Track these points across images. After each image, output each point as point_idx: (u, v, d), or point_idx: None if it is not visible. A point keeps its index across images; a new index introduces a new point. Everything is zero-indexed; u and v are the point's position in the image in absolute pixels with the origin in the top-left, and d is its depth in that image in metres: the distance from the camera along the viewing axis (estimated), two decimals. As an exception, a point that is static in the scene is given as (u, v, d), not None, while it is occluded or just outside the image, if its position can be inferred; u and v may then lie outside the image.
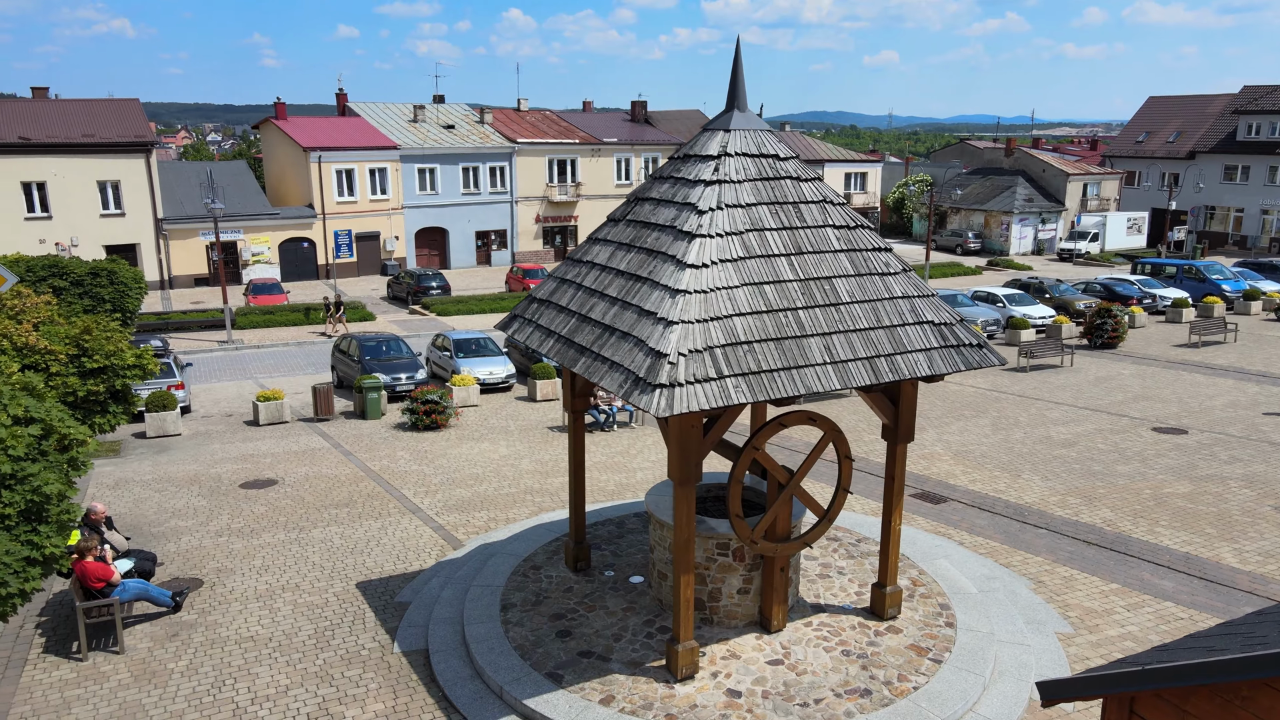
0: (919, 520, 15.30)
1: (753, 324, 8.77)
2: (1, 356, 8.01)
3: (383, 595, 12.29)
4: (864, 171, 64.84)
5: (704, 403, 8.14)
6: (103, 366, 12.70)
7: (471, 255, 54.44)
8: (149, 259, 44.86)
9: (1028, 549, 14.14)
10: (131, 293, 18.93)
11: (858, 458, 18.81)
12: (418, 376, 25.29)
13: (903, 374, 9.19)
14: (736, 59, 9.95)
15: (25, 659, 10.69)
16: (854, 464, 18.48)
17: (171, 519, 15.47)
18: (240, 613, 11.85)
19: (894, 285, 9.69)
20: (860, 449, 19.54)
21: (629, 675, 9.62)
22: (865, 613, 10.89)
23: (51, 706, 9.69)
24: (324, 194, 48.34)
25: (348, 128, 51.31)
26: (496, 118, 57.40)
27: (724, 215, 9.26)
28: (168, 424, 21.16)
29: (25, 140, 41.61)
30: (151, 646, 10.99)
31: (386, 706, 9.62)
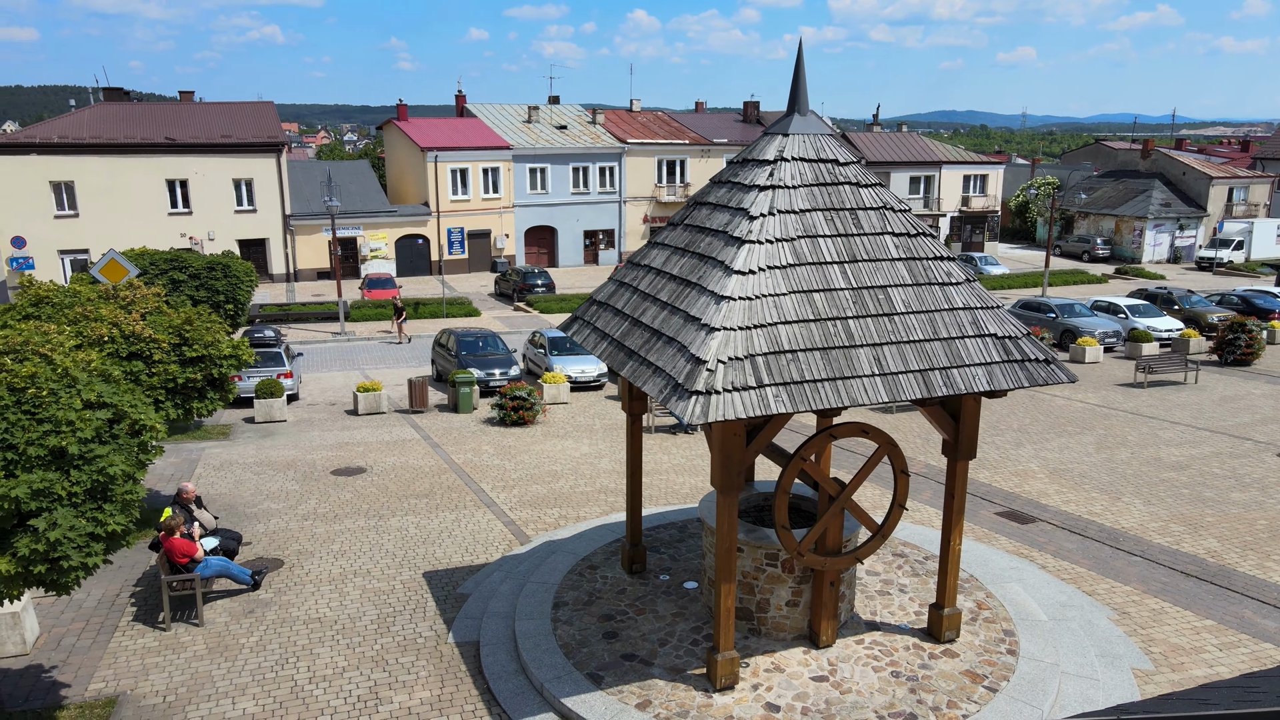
0: (1000, 540, 14.65)
1: (798, 332, 8.59)
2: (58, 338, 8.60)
3: (446, 586, 12.64)
4: (984, 173, 62.47)
5: (740, 411, 8.04)
6: (201, 355, 13.51)
7: (579, 254, 55.24)
8: (276, 253, 47.41)
9: (1116, 577, 13.35)
10: (243, 285, 20.06)
11: (933, 469, 18.18)
12: (511, 373, 25.86)
13: (958, 388, 8.83)
14: (799, 62, 9.77)
15: (116, 626, 11.51)
16: (926, 477, 17.88)
17: (265, 501, 16.33)
18: (312, 594, 12.40)
19: (955, 296, 9.32)
20: (937, 460, 18.86)
21: (669, 681, 9.59)
22: (922, 634, 10.52)
23: (131, 672, 10.39)
24: (439, 192, 49.96)
25: (464, 128, 52.87)
26: (608, 118, 58.03)
27: (775, 221, 9.11)
28: (274, 410, 22.32)
29: (171, 141, 44.62)
30: (228, 621, 11.63)
31: (432, 694, 9.89)
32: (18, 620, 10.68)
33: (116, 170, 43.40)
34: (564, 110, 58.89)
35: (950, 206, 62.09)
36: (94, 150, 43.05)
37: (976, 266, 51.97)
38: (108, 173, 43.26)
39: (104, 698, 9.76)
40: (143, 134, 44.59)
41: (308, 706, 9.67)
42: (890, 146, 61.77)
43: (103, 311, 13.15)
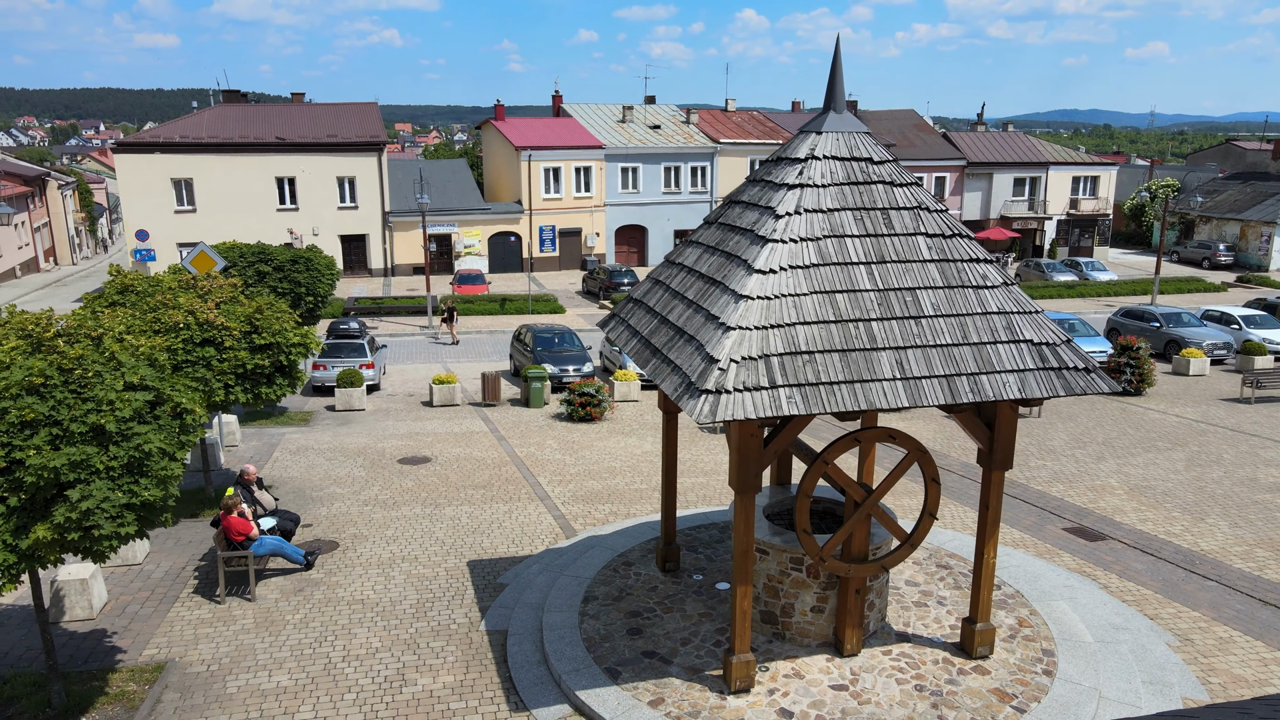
0: (1063, 557, 14.02)
1: (818, 333, 8.45)
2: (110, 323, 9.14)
3: (487, 575, 12.90)
4: (1095, 175, 59.72)
5: (751, 412, 7.96)
6: (269, 343, 14.16)
7: (669, 253, 55.29)
8: (375, 248, 49.15)
9: (1185, 601, 12.61)
10: (323, 279, 20.89)
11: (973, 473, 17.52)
12: (584, 369, 26.15)
13: (986, 395, 8.51)
14: (835, 59, 9.59)
15: (177, 597, 12.19)
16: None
17: (331, 485, 17.00)
18: (360, 577, 12.85)
19: (989, 300, 8.99)
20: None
21: (685, 680, 9.57)
22: (955, 649, 10.18)
23: (183, 641, 11.00)
24: (531, 190, 50.86)
25: (559, 128, 53.66)
26: (702, 118, 57.96)
27: (801, 220, 8.97)
28: (354, 399, 23.18)
29: (281, 140, 46.79)
30: (278, 598, 12.17)
31: (456, 679, 10.13)
32: (86, 587, 11.44)
33: (231, 168, 45.77)
34: (658, 110, 59.12)
35: (1057, 209, 59.63)
36: (211, 149, 45.51)
37: (1081, 272, 49.75)
38: (223, 170, 45.67)
39: (154, 663, 10.35)
40: (255, 134, 46.89)
41: (336, 683, 10.04)
42: (993, 146, 59.73)
43: (180, 300, 13.93)
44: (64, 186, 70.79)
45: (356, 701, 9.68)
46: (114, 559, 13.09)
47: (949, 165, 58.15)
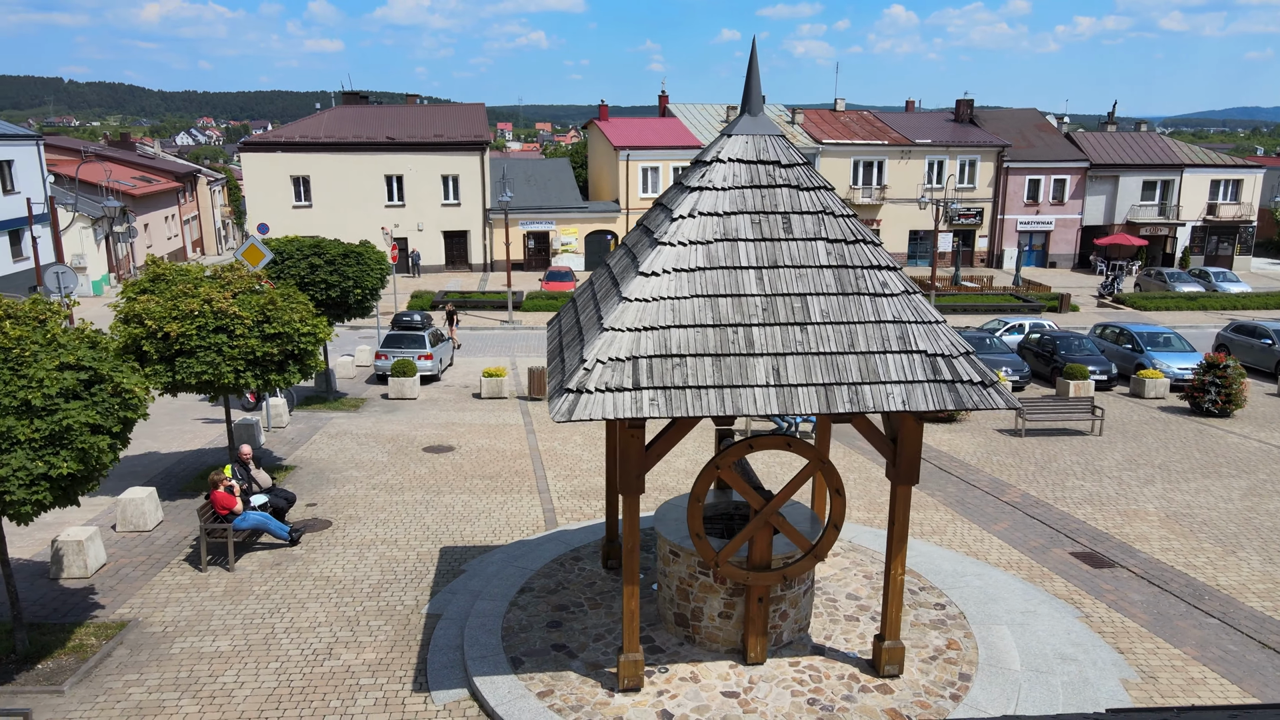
0: (1055, 582, 13.31)
1: (692, 337, 8.43)
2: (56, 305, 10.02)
3: (454, 562, 13.36)
4: (1237, 179, 55.32)
5: (610, 413, 8.05)
6: (280, 332, 15.10)
7: (767, 255, 54.79)
8: (475, 244, 50.90)
9: (1171, 637, 11.77)
10: (372, 272, 21.95)
11: (984, 494, 16.67)
12: None
13: (866, 406, 8.28)
14: (752, 61, 9.51)
15: (167, 564, 13.22)
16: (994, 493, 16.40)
17: (351, 469, 17.92)
18: (337, 555, 13.56)
19: (886, 308, 8.72)
20: (986, 486, 17.26)
21: (581, 675, 9.71)
22: (867, 665, 9.90)
23: (155, 603, 11.94)
24: (629, 189, 51.46)
25: (660, 128, 54.04)
26: (808, 118, 57.10)
27: (693, 224, 8.96)
28: (405, 388, 24.24)
29: (390, 140, 49.12)
30: (255, 570, 13.02)
31: (376, 657, 10.61)
32: (81, 548, 12.58)
33: (344, 166, 48.40)
34: (764, 110, 58.48)
35: (1192, 215, 55.58)
36: (327, 148, 48.27)
37: (1210, 283, 46.24)
38: (337, 168, 48.36)
39: (120, 621, 11.31)
40: (368, 134, 49.39)
41: (269, 651, 10.70)
42: (1121, 147, 56.21)
43: (200, 290, 15.04)
44: (213, 183, 76.50)
45: (279, 670, 10.29)
46: (125, 525, 14.29)
47: (1070, 167, 55.16)
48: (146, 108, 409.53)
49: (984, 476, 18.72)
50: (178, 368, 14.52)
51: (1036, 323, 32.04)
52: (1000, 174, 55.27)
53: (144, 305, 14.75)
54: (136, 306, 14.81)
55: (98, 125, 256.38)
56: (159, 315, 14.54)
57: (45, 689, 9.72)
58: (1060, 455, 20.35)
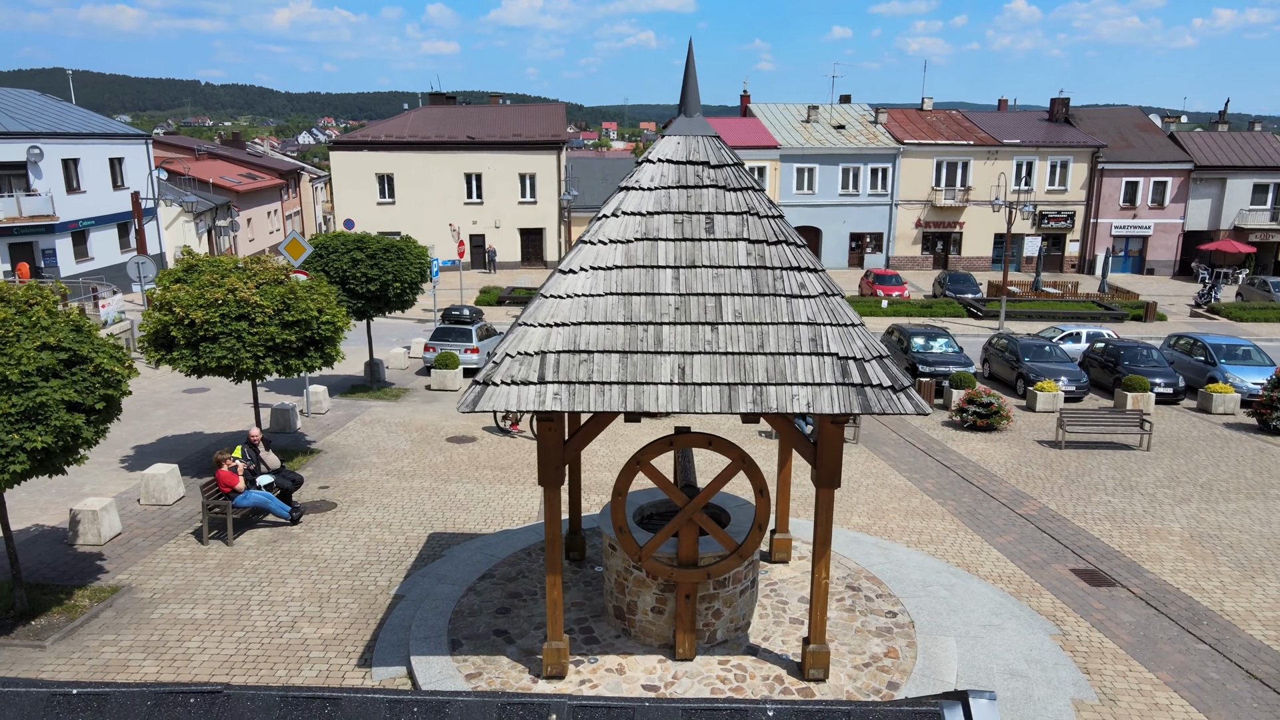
0: (1043, 598, 12.88)
1: (601, 334, 8.61)
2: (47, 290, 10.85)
3: (438, 547, 13.85)
4: (1359, 182, 51.43)
5: (513, 404, 8.30)
6: (299, 320, 15.91)
7: (844, 256, 54.01)
8: (551, 241, 51.82)
9: (1149, 661, 11.28)
10: (411, 267, 22.75)
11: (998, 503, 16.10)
12: None
13: (769, 407, 8.29)
14: (689, 63, 9.60)
15: (175, 536, 14.14)
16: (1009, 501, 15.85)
17: (372, 455, 18.69)
18: (331, 536, 14.23)
19: (801, 309, 8.70)
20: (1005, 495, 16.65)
21: (513, 660, 10.00)
22: (796, 669, 9.87)
23: (152, 571, 12.82)
24: (703, 190, 51.46)
25: (737, 128, 53.85)
26: (891, 117, 55.94)
27: (615, 223, 9.12)
28: (447, 380, 25.03)
29: (471, 139, 50.51)
30: (252, 546, 13.79)
31: (334, 632, 11.15)
32: (96, 518, 13.58)
33: (427, 165, 50.03)
34: (847, 110, 57.70)
35: (1308, 220, 51.98)
36: (410, 147, 49.99)
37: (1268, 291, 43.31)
38: (419, 166, 50.02)
39: (114, 586, 12.20)
40: (449, 133, 50.91)
41: (238, 621, 11.37)
42: (1230, 148, 53.03)
43: (226, 280, 15.98)
44: (315, 180, 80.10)
45: (241, 639, 10.94)
46: (148, 499, 15.33)
47: (1171, 169, 52.37)
48: (274, 108, 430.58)
49: (1005, 488, 18.16)
50: (201, 352, 15.47)
51: (1096, 331, 30.68)
52: (1094, 175, 52.92)
53: (174, 293, 15.77)
54: (168, 294, 15.85)
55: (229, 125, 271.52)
56: (186, 303, 15.52)
57: (30, 643, 10.61)
58: (1096, 469, 19.54)
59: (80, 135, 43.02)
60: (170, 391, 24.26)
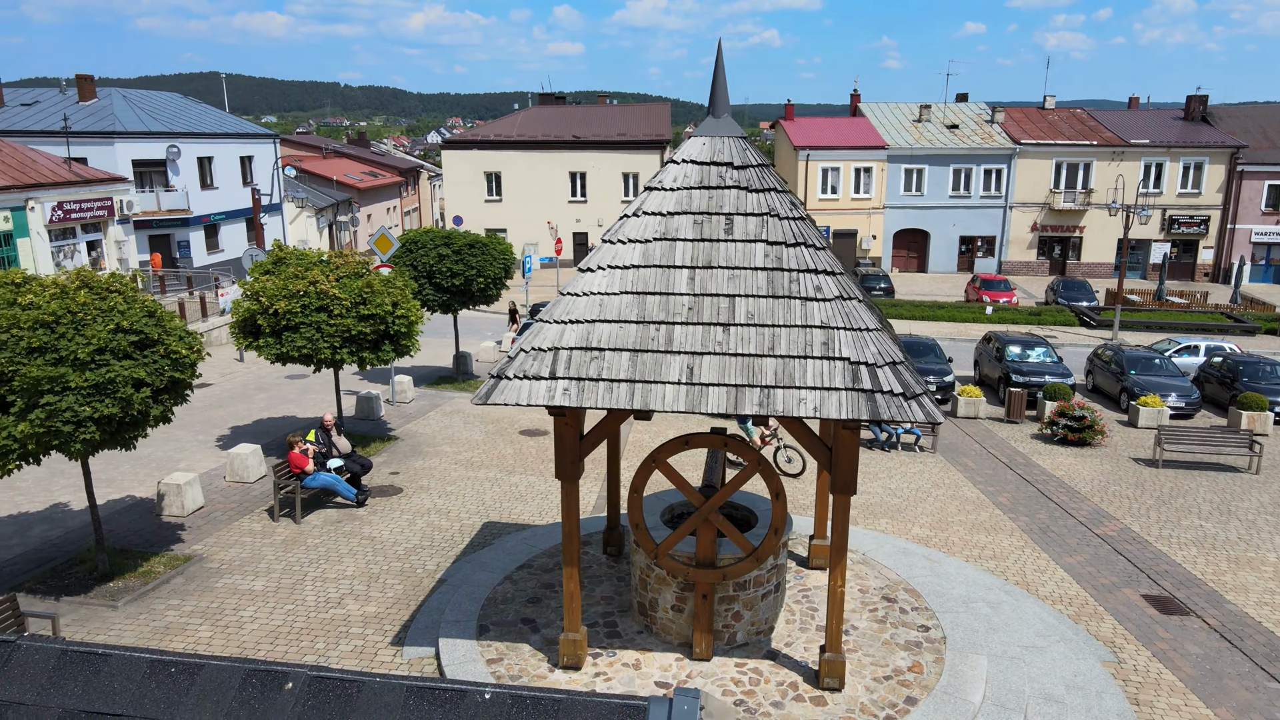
0: (1104, 623, 12.29)
1: (614, 332, 8.73)
2: (125, 278, 11.70)
3: (489, 536, 14.26)
4: None
5: (524, 399, 8.52)
6: (373, 314, 16.65)
7: (953, 260, 52.30)
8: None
9: (1210, 697, 10.63)
10: (494, 263, 23.39)
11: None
12: None
13: (775, 410, 8.24)
14: (718, 63, 9.60)
15: (249, 512, 15.03)
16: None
17: (445, 444, 19.35)
18: (391, 520, 14.85)
19: (815, 313, 8.59)
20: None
21: (534, 649, 10.25)
22: (813, 676, 9.74)
23: (225, 544, 13.68)
24: (807, 190, 50.79)
25: (845, 127, 52.90)
26: (1009, 117, 53.80)
27: (636, 223, 9.22)
28: (530, 375, 25.57)
29: (576, 139, 51.37)
30: (318, 525, 14.54)
31: (376, 611, 11.66)
32: (180, 491, 14.59)
33: (533, 164, 51.18)
34: (961, 109, 55.81)
35: None
36: (518, 146, 51.24)
37: None
38: (526, 165, 51.21)
39: (188, 555, 13.09)
40: (556, 133, 51.92)
41: (291, 595, 12.03)
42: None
43: (309, 273, 16.86)
44: (433, 177, 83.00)
45: (290, 612, 11.58)
46: (232, 476, 16.35)
47: (1321, 171, 48.46)
48: (406, 109, 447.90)
49: (1087, 506, 17.32)
50: (283, 341, 16.38)
51: (1216, 345, 28.74)
52: (1233, 178, 49.50)
53: (262, 284, 16.75)
54: (256, 285, 16.85)
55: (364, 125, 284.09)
56: (271, 293, 16.47)
57: (104, 603, 11.52)
58: (1193, 491, 18.39)
59: (214, 135, 45.93)
60: (274, 377, 25.71)
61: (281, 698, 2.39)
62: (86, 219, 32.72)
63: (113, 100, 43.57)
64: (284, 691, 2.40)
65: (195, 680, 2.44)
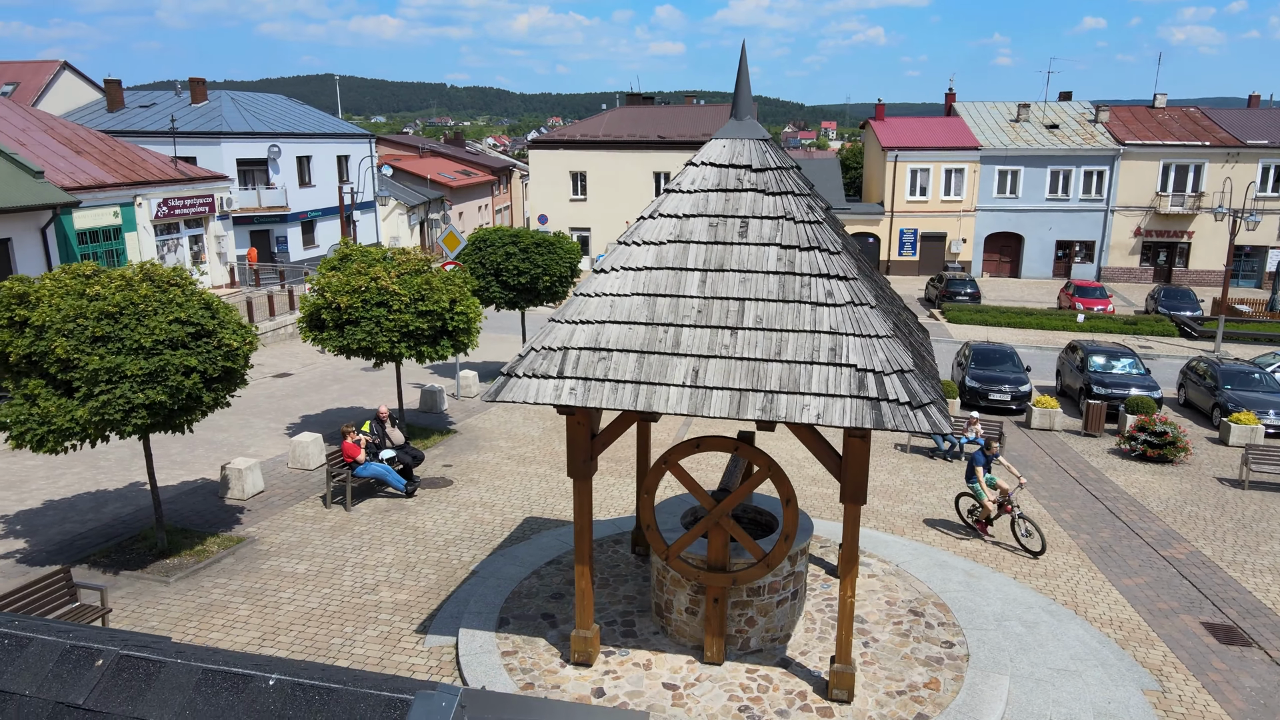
0: (1154, 650, 11.72)
1: (623, 333, 8.78)
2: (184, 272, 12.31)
3: (528, 531, 14.50)
4: None
5: (531, 396, 8.66)
6: (431, 310, 17.12)
7: (1048, 265, 50.36)
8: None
9: (1260, 733, 10.04)
10: (560, 261, 23.69)
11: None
12: None
13: (778, 415, 8.15)
14: (741, 65, 9.55)
15: (305, 498, 15.65)
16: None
17: (501, 439, 19.73)
18: (436, 511, 15.24)
19: (825, 318, 8.46)
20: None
21: (549, 644, 10.39)
22: (824, 687, 9.59)
23: (278, 528, 14.29)
24: (895, 191, 49.71)
25: (936, 128, 51.54)
26: (1114, 116, 51.47)
27: (652, 224, 9.24)
28: (595, 373, 25.83)
29: (661, 139, 51.52)
30: (368, 513, 15.04)
31: (407, 598, 12.00)
32: (242, 476, 15.31)
33: (617, 163, 51.56)
34: (1063, 108, 53.65)
35: None
36: (603, 146, 51.71)
37: None
38: (610, 165, 51.63)
39: (241, 536, 13.73)
40: (641, 133, 52.17)
41: (330, 579, 12.49)
42: None
43: (372, 269, 17.44)
44: (525, 176, 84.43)
45: (326, 595, 12.03)
46: (294, 463, 17.05)
47: None
48: (508, 109, 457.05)
49: (1157, 526, 16.50)
50: (345, 334, 17.00)
51: (1322, 360, 26.88)
52: (1361, 182, 46.19)
53: (327, 279, 17.42)
54: (321, 280, 17.53)
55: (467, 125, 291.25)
56: (335, 289, 17.11)
57: (158, 579, 12.20)
58: (1278, 515, 17.31)
59: (313, 135, 47.87)
60: (350, 369, 26.66)
61: (90, 673, 2.54)
62: (189, 214, 34.56)
63: (221, 102, 45.87)
64: (94, 668, 2.55)
65: (22, 653, 2.61)
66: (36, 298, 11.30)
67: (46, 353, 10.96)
